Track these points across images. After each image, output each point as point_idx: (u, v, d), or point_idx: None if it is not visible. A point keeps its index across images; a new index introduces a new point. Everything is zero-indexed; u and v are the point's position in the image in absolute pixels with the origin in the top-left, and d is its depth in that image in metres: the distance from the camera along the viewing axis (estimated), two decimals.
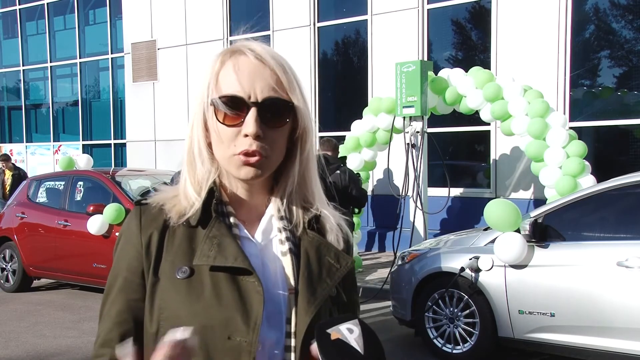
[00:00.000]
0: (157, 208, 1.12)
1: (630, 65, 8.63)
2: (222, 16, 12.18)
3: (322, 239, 1.14)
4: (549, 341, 4.57)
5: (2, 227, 8.61)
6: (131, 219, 1.13)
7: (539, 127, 6.72)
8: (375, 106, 8.04)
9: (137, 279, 1.10)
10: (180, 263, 1.07)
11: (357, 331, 1.00)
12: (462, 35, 10.08)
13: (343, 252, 1.15)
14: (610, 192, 4.61)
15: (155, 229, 1.10)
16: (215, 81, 1.07)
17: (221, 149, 1.07)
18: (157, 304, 1.07)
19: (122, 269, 1.11)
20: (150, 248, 1.09)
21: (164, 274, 1.07)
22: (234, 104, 1.04)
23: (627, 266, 4.21)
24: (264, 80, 1.06)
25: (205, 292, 1.03)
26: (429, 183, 8.20)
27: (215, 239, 1.06)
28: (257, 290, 1.03)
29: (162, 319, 1.05)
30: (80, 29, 15.40)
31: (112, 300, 1.11)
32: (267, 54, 1.08)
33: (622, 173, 5.27)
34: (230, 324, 1.01)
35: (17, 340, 5.90)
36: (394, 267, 5.81)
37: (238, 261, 1.03)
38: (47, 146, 16.07)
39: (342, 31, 11.06)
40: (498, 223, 4.85)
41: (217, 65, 1.09)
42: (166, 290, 1.06)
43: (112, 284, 1.12)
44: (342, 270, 1.12)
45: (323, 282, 1.09)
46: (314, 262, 1.10)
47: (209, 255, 1.05)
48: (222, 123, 1.05)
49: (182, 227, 1.10)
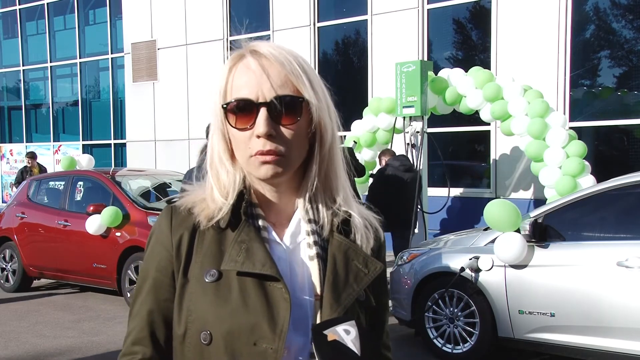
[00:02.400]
0: (187, 210, 1.12)
1: (630, 65, 8.63)
2: (222, 16, 12.18)
3: (351, 243, 1.12)
4: (549, 341, 4.57)
5: (2, 227, 8.61)
6: (162, 219, 1.14)
7: (539, 127, 6.72)
8: (375, 106, 8.04)
9: (167, 280, 1.10)
10: (209, 266, 1.07)
11: (354, 332, 1.00)
12: (462, 35, 10.08)
13: (372, 258, 1.13)
14: (610, 192, 4.61)
15: (185, 229, 1.11)
16: (224, 88, 1.08)
17: (239, 153, 1.08)
18: (185, 305, 1.07)
19: (152, 268, 1.12)
20: (180, 249, 1.10)
21: (193, 276, 1.08)
22: (243, 106, 1.05)
23: (627, 266, 4.21)
24: (270, 79, 1.05)
25: (233, 296, 1.03)
26: (429, 183, 8.20)
27: (244, 244, 1.06)
28: (285, 298, 1.02)
29: (189, 321, 1.06)
30: (80, 29, 15.40)
31: (143, 299, 1.12)
32: (273, 52, 1.07)
33: (622, 173, 5.27)
34: (257, 330, 1.01)
35: (17, 340, 5.89)
36: (394, 267, 5.81)
37: (266, 268, 1.03)
38: (47, 146, 16.07)
39: (342, 31, 11.06)
40: (498, 223, 4.85)
41: (225, 71, 1.09)
42: (194, 293, 1.06)
43: (143, 283, 1.13)
44: (370, 276, 1.11)
45: (349, 288, 1.07)
46: (340, 267, 1.09)
47: (237, 260, 1.04)
48: (235, 127, 1.06)
49: (212, 229, 1.10)
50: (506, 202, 5.01)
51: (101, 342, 5.75)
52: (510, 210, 4.82)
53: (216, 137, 1.11)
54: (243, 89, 1.05)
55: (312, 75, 1.09)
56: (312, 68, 1.11)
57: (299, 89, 1.06)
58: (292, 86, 1.06)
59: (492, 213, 4.89)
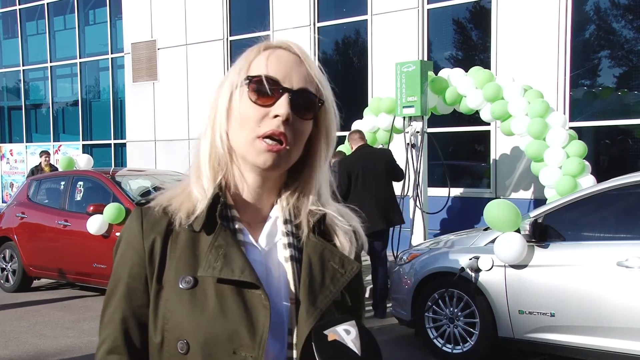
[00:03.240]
0: (160, 210, 1.08)
1: (630, 65, 8.63)
2: (222, 16, 12.18)
3: (326, 244, 1.10)
4: (549, 341, 4.57)
5: (2, 227, 8.61)
6: (132, 221, 1.09)
7: (539, 127, 6.72)
8: (375, 106, 8.04)
9: (140, 286, 1.07)
10: (183, 272, 1.03)
11: (354, 332, 1.00)
12: (462, 35, 10.08)
13: (348, 257, 1.10)
14: (610, 192, 4.61)
15: (158, 233, 1.07)
16: (248, 67, 1.06)
17: (244, 132, 1.04)
18: (161, 313, 1.04)
19: (124, 274, 1.08)
20: (153, 254, 1.06)
21: (168, 283, 1.04)
22: (268, 84, 1.03)
23: (627, 266, 4.21)
24: (300, 73, 1.06)
25: (209, 304, 1.00)
26: (429, 183, 8.20)
27: (221, 249, 1.02)
28: (264, 304, 1.00)
29: (166, 330, 1.03)
30: (80, 29, 15.39)
31: (116, 306, 1.08)
32: (306, 53, 1.09)
33: (622, 173, 5.27)
34: (235, 338, 0.99)
35: (17, 340, 5.89)
36: (394, 267, 5.81)
37: (245, 274, 1.00)
38: (47, 146, 16.05)
39: (342, 31, 11.06)
40: (498, 223, 4.85)
41: (252, 54, 1.08)
42: (169, 300, 1.03)
43: (114, 289, 1.09)
44: (347, 276, 1.08)
45: (325, 290, 1.05)
46: (316, 269, 1.06)
47: (215, 266, 1.01)
48: (254, 102, 1.03)
49: (186, 232, 1.06)
50: (506, 202, 5.01)
51: None
52: (510, 210, 4.82)
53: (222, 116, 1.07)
54: (270, 69, 1.04)
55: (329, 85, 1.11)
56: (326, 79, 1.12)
57: (320, 92, 1.08)
58: (315, 86, 1.07)
59: (492, 213, 4.89)
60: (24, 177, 15.20)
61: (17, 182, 16.01)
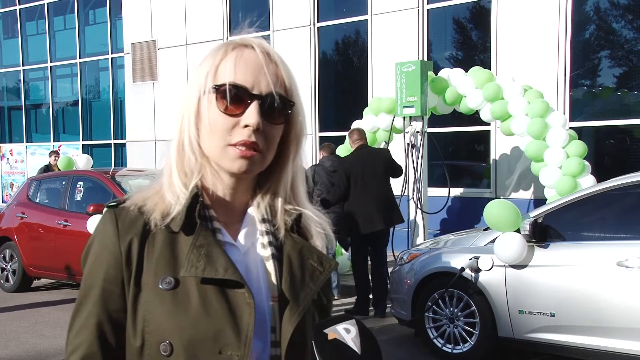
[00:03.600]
0: (135, 211, 1.05)
1: (630, 65, 8.63)
2: (222, 16, 12.18)
3: (305, 242, 1.10)
4: (549, 341, 4.57)
5: (2, 227, 8.61)
6: (106, 223, 1.05)
7: (539, 127, 6.72)
8: (375, 106, 8.04)
9: (117, 289, 1.03)
10: (163, 273, 1.00)
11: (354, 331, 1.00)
12: (462, 35, 10.09)
13: (326, 255, 1.11)
14: (610, 192, 4.61)
15: (134, 234, 1.03)
16: (215, 71, 1.04)
17: (214, 140, 1.03)
18: (140, 316, 1.01)
19: (98, 277, 1.04)
20: (130, 256, 1.02)
21: (147, 285, 1.01)
22: (237, 93, 1.01)
23: (627, 266, 4.21)
24: (268, 76, 1.03)
25: (192, 304, 0.98)
26: (429, 183, 8.20)
27: (203, 249, 1.00)
28: (248, 303, 0.99)
29: (146, 332, 1.00)
30: (80, 29, 15.40)
31: (89, 311, 1.03)
32: (272, 51, 1.06)
33: (622, 173, 5.27)
34: (220, 338, 0.97)
35: (17, 340, 5.89)
36: (395, 267, 5.81)
37: (229, 273, 0.99)
38: (47, 146, 16.06)
39: (342, 31, 11.06)
40: (498, 223, 4.85)
41: (218, 56, 1.05)
42: (150, 302, 1.00)
43: (87, 294, 1.04)
44: (325, 274, 1.08)
45: (306, 287, 1.05)
46: (296, 267, 1.07)
47: (198, 266, 0.99)
48: (223, 112, 1.01)
49: (163, 232, 1.04)
50: (506, 202, 5.01)
51: None
52: (510, 210, 4.82)
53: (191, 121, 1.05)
54: (238, 75, 1.02)
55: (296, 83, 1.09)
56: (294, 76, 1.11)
57: (290, 93, 1.06)
58: (284, 88, 1.05)
59: (492, 213, 4.89)
60: (24, 177, 15.22)
61: (17, 182, 16.01)
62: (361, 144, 6.66)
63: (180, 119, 1.07)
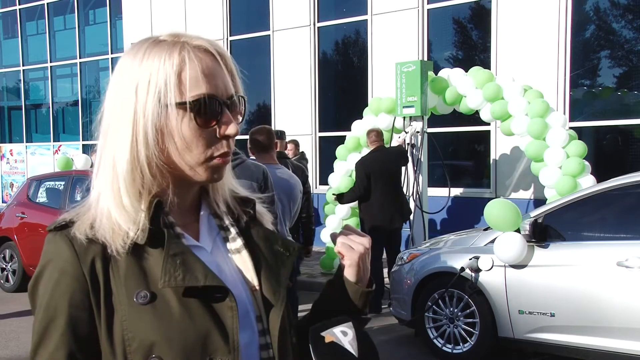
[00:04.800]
0: (88, 235, 0.97)
1: (630, 65, 8.63)
2: (222, 16, 12.18)
3: (267, 229, 1.12)
4: (549, 341, 4.58)
5: (2, 227, 8.61)
6: (60, 247, 0.97)
7: (539, 127, 6.72)
8: (375, 106, 8.04)
9: (84, 314, 0.95)
10: (135, 288, 0.95)
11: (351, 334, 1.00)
12: (462, 35, 10.08)
13: (288, 239, 1.14)
14: (610, 192, 4.61)
15: (95, 255, 0.96)
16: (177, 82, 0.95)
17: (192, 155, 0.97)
18: (118, 337, 0.94)
19: (62, 306, 0.94)
20: (96, 277, 0.95)
21: (120, 303, 0.94)
22: (211, 104, 0.96)
23: (627, 266, 4.22)
24: (224, 76, 0.99)
25: (175, 313, 0.94)
26: (429, 183, 8.20)
27: (178, 257, 0.96)
28: (230, 306, 0.97)
29: (129, 352, 0.93)
30: (80, 29, 15.40)
31: (57, 343, 0.94)
32: (218, 46, 1.01)
33: (622, 173, 5.27)
34: (209, 344, 0.95)
35: (17, 340, 5.89)
36: (394, 267, 5.81)
37: (209, 279, 0.95)
38: (47, 146, 16.07)
39: (342, 31, 11.06)
40: (498, 223, 4.85)
41: (174, 62, 0.96)
42: (128, 320, 0.94)
43: (50, 326, 0.94)
44: (291, 258, 1.11)
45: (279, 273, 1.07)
46: (267, 254, 1.08)
47: (176, 276, 0.94)
48: (202, 127, 0.96)
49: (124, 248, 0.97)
50: (506, 202, 5.01)
51: None
52: (510, 210, 4.83)
53: (149, 136, 0.95)
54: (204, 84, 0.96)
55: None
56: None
57: (239, 86, 1.04)
58: (236, 83, 1.03)
59: (492, 213, 4.89)
60: (24, 177, 15.22)
61: (17, 182, 16.01)
62: (379, 145, 6.86)
63: (130, 136, 0.96)
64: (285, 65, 11.05)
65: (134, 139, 0.96)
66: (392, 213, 6.63)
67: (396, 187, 6.83)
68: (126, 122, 0.96)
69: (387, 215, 6.60)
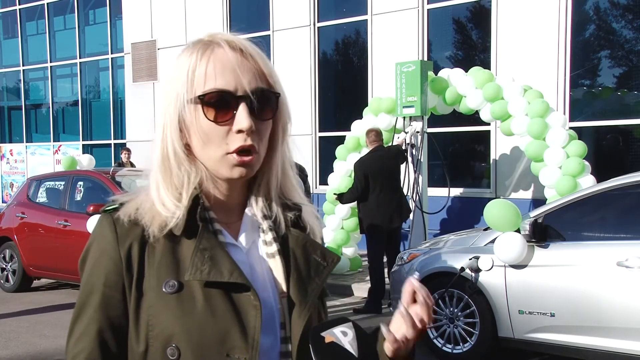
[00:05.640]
0: (132, 218, 1.02)
1: (630, 65, 8.63)
2: (222, 16, 12.18)
3: (307, 237, 1.11)
4: (549, 341, 4.57)
5: (2, 227, 8.61)
6: (104, 228, 1.03)
7: (539, 127, 6.72)
8: (375, 106, 8.04)
9: (117, 294, 1.01)
10: (166, 276, 0.99)
11: (351, 334, 1.00)
12: (462, 35, 10.08)
13: (328, 249, 1.11)
14: (610, 192, 4.61)
15: (134, 239, 1.01)
16: (192, 79, 1.00)
17: (210, 150, 1.00)
18: (143, 320, 0.99)
19: (98, 284, 1.02)
20: (131, 261, 1.01)
21: (150, 289, 0.99)
22: (223, 99, 0.98)
23: (627, 266, 4.21)
24: (248, 72, 1.00)
25: (198, 307, 0.97)
26: (429, 183, 8.20)
27: (207, 252, 0.99)
28: (254, 305, 0.98)
29: (151, 337, 0.98)
30: (80, 29, 15.39)
31: (90, 317, 1.01)
32: (245, 44, 1.03)
33: (622, 173, 5.27)
34: (227, 341, 0.97)
35: (17, 340, 5.89)
36: (394, 267, 5.81)
37: (234, 276, 0.98)
38: (47, 146, 16.07)
39: (342, 31, 11.06)
40: (498, 223, 4.85)
41: (192, 60, 1.01)
42: (153, 306, 0.98)
43: (87, 300, 1.02)
44: (329, 268, 1.09)
45: (312, 282, 1.06)
46: (302, 262, 1.07)
47: (202, 270, 0.97)
48: (213, 121, 0.99)
49: (163, 237, 1.01)
50: (506, 202, 5.01)
51: None
52: (510, 210, 4.82)
53: (172, 130, 1.02)
54: (219, 79, 0.99)
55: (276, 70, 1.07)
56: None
57: (271, 83, 1.04)
58: (265, 80, 1.03)
59: (492, 213, 4.89)
60: (24, 177, 15.22)
61: (17, 182, 16.01)
62: (378, 145, 6.87)
63: (162, 129, 1.03)
64: (285, 65, 11.05)
65: (164, 134, 1.03)
66: (391, 213, 6.64)
67: (395, 186, 6.84)
68: (160, 117, 1.04)
69: (386, 214, 6.62)
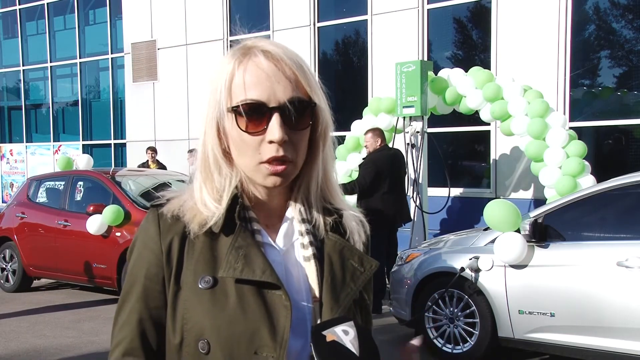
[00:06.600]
0: (175, 214, 1.07)
1: (630, 65, 8.63)
2: (222, 16, 12.18)
3: (346, 242, 1.11)
4: (549, 341, 4.57)
5: (2, 227, 8.61)
6: (149, 223, 1.09)
7: (539, 127, 6.72)
8: (375, 106, 8.04)
9: (157, 286, 1.06)
10: (202, 272, 1.03)
11: (353, 333, 1.00)
12: (462, 35, 10.08)
13: (367, 256, 1.12)
14: (610, 192, 4.61)
15: (175, 234, 1.06)
16: (228, 88, 1.02)
17: (246, 158, 1.03)
18: (179, 313, 1.03)
19: (140, 275, 1.07)
20: (171, 255, 1.05)
21: (186, 283, 1.03)
22: (255, 110, 1.00)
23: (627, 266, 4.21)
24: (283, 82, 1.01)
25: (230, 303, 1.00)
26: (429, 183, 8.20)
27: (242, 250, 1.02)
28: (285, 305, 1.00)
29: (185, 330, 1.02)
30: (80, 29, 15.39)
31: (132, 307, 1.07)
32: (282, 53, 1.04)
33: (622, 173, 5.27)
34: (256, 339, 0.99)
35: (17, 340, 5.89)
36: (394, 267, 5.81)
37: (266, 275, 1.00)
38: (47, 146, 16.07)
39: (342, 31, 11.06)
40: (498, 223, 4.85)
41: (230, 68, 1.03)
42: (189, 300, 1.02)
43: (130, 289, 1.08)
44: (366, 274, 1.10)
45: (347, 288, 1.06)
46: (337, 268, 1.07)
47: (236, 267, 1.01)
48: (245, 131, 1.01)
49: (202, 234, 1.06)
50: (506, 202, 5.01)
51: (101, 342, 5.75)
52: (510, 210, 4.82)
53: (211, 136, 1.05)
54: (253, 90, 1.00)
55: (314, 77, 1.07)
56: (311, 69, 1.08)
57: (308, 92, 1.04)
58: (302, 89, 1.03)
59: (492, 213, 4.89)
60: (24, 177, 15.22)
61: (17, 182, 16.00)
62: (384, 144, 7.02)
63: (203, 134, 1.07)
64: None
65: (205, 140, 1.07)
66: (394, 212, 6.75)
67: (401, 188, 6.98)
68: (201, 122, 1.08)
69: (390, 213, 6.71)
